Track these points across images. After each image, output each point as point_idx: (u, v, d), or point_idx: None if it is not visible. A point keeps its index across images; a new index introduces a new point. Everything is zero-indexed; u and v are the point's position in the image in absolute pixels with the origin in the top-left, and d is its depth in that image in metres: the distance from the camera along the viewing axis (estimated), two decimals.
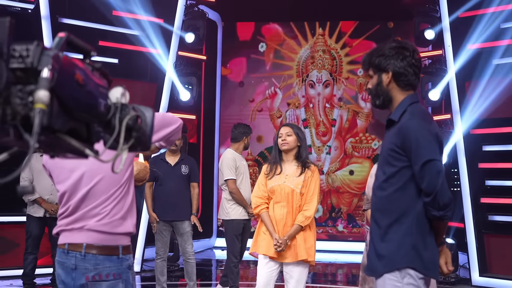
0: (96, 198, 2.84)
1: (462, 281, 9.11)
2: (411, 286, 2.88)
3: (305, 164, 4.97)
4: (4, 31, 0.95)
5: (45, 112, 0.96)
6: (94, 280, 2.78)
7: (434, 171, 2.85)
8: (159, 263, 7.09)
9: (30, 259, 7.17)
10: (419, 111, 3.04)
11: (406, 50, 3.07)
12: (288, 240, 4.76)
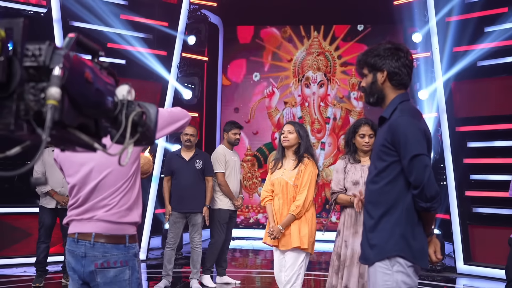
0: (104, 190, 2.85)
1: (447, 269, 9.13)
2: (400, 274, 2.88)
3: (301, 158, 5.00)
4: (18, 32, 0.95)
5: (57, 108, 0.96)
6: (102, 267, 2.80)
7: (422, 165, 2.85)
8: (168, 252, 7.11)
9: (42, 247, 7.18)
10: (409, 108, 3.04)
11: (401, 51, 3.08)
12: (282, 228, 4.85)
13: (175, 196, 7.04)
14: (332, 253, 4.99)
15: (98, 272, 2.82)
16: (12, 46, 0.95)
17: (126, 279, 2.82)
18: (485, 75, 9.17)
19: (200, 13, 10.91)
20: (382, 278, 2.91)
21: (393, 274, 2.89)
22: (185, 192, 6.99)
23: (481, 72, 9.21)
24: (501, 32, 8.93)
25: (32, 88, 0.97)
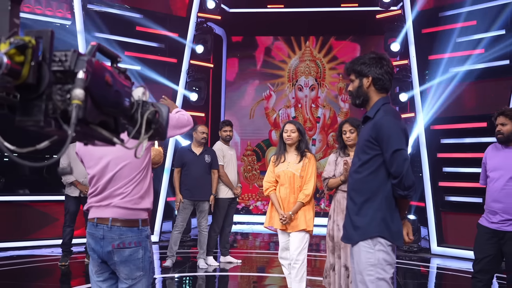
0: (120, 180, 2.88)
1: (423, 250, 9.15)
2: (381, 252, 2.91)
3: (303, 153, 5.12)
4: (47, 40, 0.95)
5: (81, 107, 0.96)
6: (119, 248, 2.82)
7: (401, 158, 2.89)
8: (176, 234, 7.12)
9: (67, 231, 7.19)
10: (391, 110, 3.09)
11: (384, 60, 3.13)
12: (292, 214, 5.00)
13: (186, 185, 7.06)
14: (326, 236, 5.09)
15: (115, 252, 2.84)
16: (41, 53, 0.95)
17: (140, 258, 2.84)
18: (456, 79, 9.18)
19: (206, 25, 10.90)
20: (365, 256, 2.93)
21: (375, 253, 2.92)
22: (195, 182, 7.02)
23: (453, 77, 9.22)
24: (470, 42, 8.95)
25: (59, 89, 0.98)
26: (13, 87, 0.93)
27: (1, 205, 8.60)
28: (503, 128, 4.33)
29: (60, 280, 6.59)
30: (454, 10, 9.20)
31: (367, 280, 2.91)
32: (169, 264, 7.06)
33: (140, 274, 2.85)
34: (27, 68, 0.92)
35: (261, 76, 13.53)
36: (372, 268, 2.91)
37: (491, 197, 4.37)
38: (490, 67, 8.73)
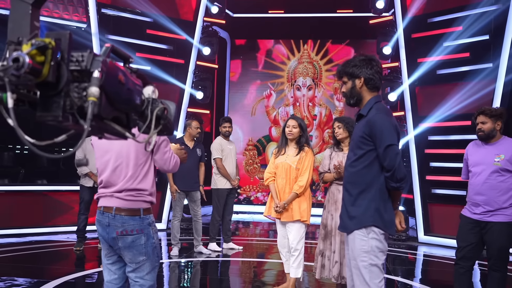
0: (121, 173, 2.90)
1: (411, 239, 9.16)
2: (374, 240, 2.92)
3: (302, 147, 5.09)
4: (65, 42, 0.96)
5: (96, 104, 0.97)
6: (122, 234, 2.83)
7: (394, 153, 2.90)
8: (176, 223, 7.13)
9: (82, 218, 7.21)
10: (383, 108, 3.08)
11: (373, 61, 3.12)
12: (286, 204, 4.97)
13: (179, 177, 6.99)
14: (320, 224, 5.11)
15: (119, 238, 2.86)
16: (60, 54, 0.96)
17: (142, 244, 2.84)
18: (443, 81, 9.18)
19: (211, 29, 10.88)
20: (359, 244, 2.94)
21: (368, 240, 2.93)
22: (188, 174, 7.01)
23: (440, 79, 9.21)
24: (456, 47, 8.94)
25: (76, 87, 0.98)
26: (34, 84, 0.94)
27: (21, 194, 8.63)
28: (484, 126, 4.33)
29: (75, 264, 6.62)
30: (442, 17, 9.19)
31: (360, 266, 2.92)
32: (176, 252, 7.07)
33: (143, 259, 2.85)
34: (47, 68, 0.93)
35: (262, 77, 13.53)
36: (366, 255, 2.92)
37: (474, 190, 4.37)
38: (474, 70, 8.72)
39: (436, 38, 9.19)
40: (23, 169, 9.37)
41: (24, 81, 0.91)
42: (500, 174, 4.22)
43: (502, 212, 4.18)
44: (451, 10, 9.04)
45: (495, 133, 4.31)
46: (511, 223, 4.19)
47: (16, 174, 9.27)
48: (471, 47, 8.77)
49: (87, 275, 5.87)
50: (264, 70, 13.53)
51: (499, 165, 4.22)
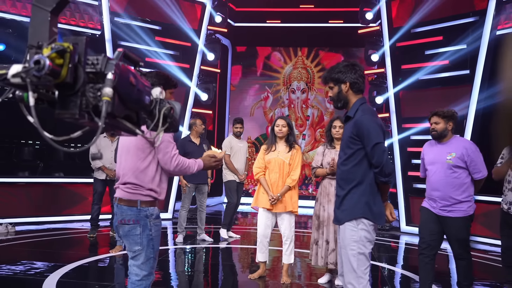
0: (125, 168, 2.82)
1: (394, 229, 9.19)
2: (364, 231, 2.92)
3: (292, 145, 5.08)
4: (82, 46, 0.97)
5: (109, 103, 0.97)
6: (121, 223, 2.79)
7: (381, 151, 2.89)
8: (183, 213, 7.13)
9: (95, 208, 7.20)
10: (368, 109, 3.06)
11: (356, 66, 3.10)
12: (280, 196, 4.95)
13: None
14: (313, 215, 5.10)
15: (119, 226, 2.82)
16: (77, 57, 0.96)
17: (138, 234, 2.76)
18: (424, 86, 9.19)
19: (214, 37, 10.88)
20: (349, 234, 2.94)
21: (358, 231, 2.93)
22: None
23: (421, 84, 9.23)
24: (436, 55, 8.96)
25: (91, 88, 0.99)
26: (53, 85, 0.95)
27: (39, 185, 8.62)
28: (437, 126, 4.35)
29: (88, 249, 6.62)
30: (424, 27, 9.20)
31: (349, 254, 2.93)
32: (181, 239, 7.08)
33: (138, 249, 2.77)
34: (66, 70, 0.93)
35: (260, 81, 13.53)
36: (355, 244, 2.92)
37: (431, 187, 4.36)
38: (453, 76, 8.74)
39: (418, 47, 9.20)
40: (42, 163, 9.37)
41: (44, 82, 0.91)
42: (453, 171, 4.23)
43: (458, 208, 4.19)
44: (433, 22, 9.05)
45: (447, 133, 4.33)
46: (467, 217, 4.22)
47: (35, 167, 9.27)
48: (450, 55, 8.78)
49: (100, 260, 5.87)
50: (262, 75, 13.54)
51: (451, 162, 4.23)
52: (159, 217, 2.87)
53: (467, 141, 4.42)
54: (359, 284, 2.89)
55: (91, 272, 5.40)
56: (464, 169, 4.23)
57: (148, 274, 2.77)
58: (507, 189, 4.70)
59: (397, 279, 5.63)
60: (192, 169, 2.91)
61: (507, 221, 4.67)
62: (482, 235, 8.24)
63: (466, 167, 4.23)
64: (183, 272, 5.60)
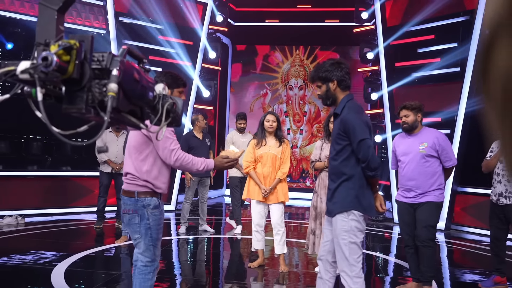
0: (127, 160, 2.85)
1: (387, 220, 9.21)
2: (354, 221, 2.94)
3: (281, 139, 5.10)
4: (88, 43, 0.96)
5: (115, 98, 0.97)
6: (124, 213, 2.84)
7: (366, 146, 2.90)
8: (186, 205, 7.14)
9: (101, 200, 7.20)
10: (354, 106, 3.05)
11: (342, 64, 3.10)
12: (272, 189, 4.98)
13: None
14: (311, 207, 5.11)
15: (123, 215, 2.87)
16: (83, 54, 0.96)
17: (136, 223, 2.79)
18: (416, 83, 9.19)
19: (215, 36, 10.86)
20: (341, 224, 2.95)
21: (348, 221, 2.94)
22: None
23: (414, 81, 9.22)
24: (429, 53, 8.95)
25: (97, 83, 0.99)
26: (60, 81, 0.94)
27: (47, 179, 8.63)
28: (407, 119, 4.37)
29: (95, 240, 6.63)
30: (417, 26, 9.18)
31: (341, 244, 2.94)
32: (183, 229, 7.09)
33: (137, 237, 2.80)
34: (72, 66, 0.93)
35: (259, 78, 13.52)
36: (346, 234, 2.93)
37: (406, 177, 4.35)
38: (444, 73, 8.73)
39: (411, 45, 9.18)
40: (50, 157, 9.37)
41: (51, 78, 0.91)
42: (426, 160, 4.24)
43: (431, 194, 4.21)
44: (425, 21, 9.04)
45: (417, 124, 4.36)
46: (438, 203, 4.22)
47: (43, 161, 9.27)
48: (442, 53, 8.77)
49: (106, 250, 5.88)
50: (261, 72, 13.52)
51: (424, 152, 4.24)
52: (158, 208, 2.85)
53: (437, 131, 4.41)
54: (352, 271, 2.91)
55: (98, 261, 5.41)
56: (436, 158, 4.24)
57: (151, 261, 2.81)
58: (496, 181, 4.72)
59: (391, 267, 5.65)
60: (197, 167, 2.87)
61: (496, 212, 4.69)
62: (472, 225, 8.26)
63: (437, 156, 4.24)
64: (186, 261, 5.62)
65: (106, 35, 9.12)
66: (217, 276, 5.08)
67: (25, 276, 4.53)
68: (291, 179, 13.33)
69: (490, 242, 4.78)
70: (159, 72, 2.97)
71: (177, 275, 4.98)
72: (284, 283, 4.74)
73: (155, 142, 2.79)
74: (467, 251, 6.77)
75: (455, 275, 5.30)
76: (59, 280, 4.37)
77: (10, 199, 7.97)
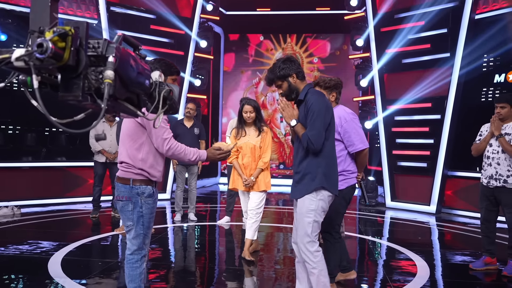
0: (121, 148, 2.82)
1: (380, 205, 9.27)
2: (321, 201, 3.07)
3: (260, 127, 4.99)
4: (83, 30, 0.95)
5: (111, 85, 0.96)
6: (117, 199, 2.81)
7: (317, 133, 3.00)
8: (179, 193, 7.13)
9: (97, 190, 7.18)
10: (315, 91, 3.15)
11: (292, 57, 3.21)
12: (254, 179, 4.91)
13: None
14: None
15: (116, 202, 2.84)
16: (78, 40, 0.94)
17: (129, 211, 2.76)
18: (407, 69, 9.19)
19: (207, 25, 10.78)
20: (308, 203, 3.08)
21: (316, 201, 3.06)
22: None
23: (405, 67, 9.22)
24: (418, 39, 8.94)
25: (93, 71, 0.97)
26: (56, 68, 0.93)
27: (43, 170, 8.57)
28: None
29: (91, 229, 6.61)
30: (407, 13, 9.16)
31: (305, 222, 3.06)
32: (178, 217, 7.08)
33: (130, 224, 2.78)
34: (68, 53, 0.91)
35: (252, 67, 13.47)
36: (312, 212, 3.06)
37: None
38: (434, 59, 8.74)
39: (402, 31, 9.17)
40: (45, 148, 9.31)
41: (47, 65, 0.89)
42: None
43: None
44: (415, 7, 9.01)
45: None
46: (340, 191, 3.63)
47: (38, 152, 9.21)
48: (432, 39, 8.77)
49: (102, 238, 5.87)
50: (253, 61, 13.47)
51: None
52: (152, 196, 2.83)
53: (344, 111, 3.86)
54: (312, 247, 3.06)
55: (94, 250, 5.40)
56: (339, 141, 3.75)
57: (138, 249, 2.79)
58: (486, 164, 4.75)
59: (383, 250, 5.69)
60: (189, 157, 2.86)
61: (486, 195, 4.73)
62: (462, 208, 8.34)
63: (341, 139, 3.77)
64: (181, 248, 5.63)
65: (98, 25, 9.01)
66: (213, 262, 5.10)
67: (22, 265, 4.52)
68: (285, 166, 13.36)
69: (481, 224, 4.82)
70: (153, 59, 2.94)
71: (173, 262, 4.99)
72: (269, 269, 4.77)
73: (149, 130, 2.76)
74: (457, 234, 6.84)
75: (446, 256, 5.35)
76: (56, 268, 4.36)
77: (6, 190, 7.92)
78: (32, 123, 9.25)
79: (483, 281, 4.46)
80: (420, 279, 4.31)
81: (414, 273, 4.53)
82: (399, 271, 4.68)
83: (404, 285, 4.16)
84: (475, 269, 4.70)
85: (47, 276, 4.14)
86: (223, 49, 13.54)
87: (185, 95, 10.05)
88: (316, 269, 3.06)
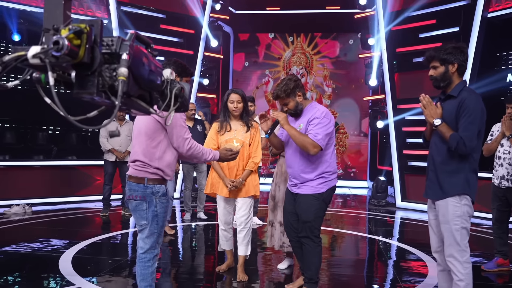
0: (135, 147, 2.82)
1: (390, 205, 9.22)
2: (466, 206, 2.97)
3: (248, 122, 4.17)
4: (98, 28, 0.96)
5: (125, 82, 0.97)
6: (129, 198, 2.79)
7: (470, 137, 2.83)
8: (187, 193, 7.15)
9: (107, 188, 7.23)
10: (473, 90, 2.95)
11: (465, 49, 2.98)
12: (243, 181, 4.10)
13: None
14: (269, 196, 4.58)
15: (128, 202, 2.83)
16: (93, 38, 0.95)
17: (144, 210, 2.75)
18: (418, 68, 9.13)
19: (217, 24, 10.80)
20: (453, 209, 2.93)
21: (461, 206, 2.94)
22: None
23: (415, 66, 9.17)
24: (430, 37, 8.87)
25: (107, 68, 0.98)
26: (71, 65, 0.94)
27: (54, 168, 8.65)
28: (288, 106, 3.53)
29: (101, 227, 6.66)
30: (418, 11, 9.11)
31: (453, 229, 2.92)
32: (188, 217, 7.11)
33: (144, 223, 2.77)
34: (83, 50, 0.92)
35: (261, 66, 13.48)
36: (458, 219, 2.93)
37: (286, 164, 3.74)
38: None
39: (412, 30, 9.12)
40: (56, 147, 9.39)
41: (62, 62, 0.90)
42: None
43: (307, 184, 3.49)
44: (426, 5, 8.96)
45: (300, 107, 3.54)
46: (316, 195, 3.47)
47: (49, 151, 9.30)
48: (443, 37, 8.71)
49: (112, 237, 5.91)
50: (263, 61, 13.47)
51: None
52: (166, 195, 2.84)
53: (317, 109, 3.52)
54: (462, 257, 2.85)
55: (104, 248, 5.45)
56: None
57: (151, 248, 2.78)
58: (498, 165, 4.72)
59: (393, 251, 5.67)
60: (206, 157, 2.91)
61: (498, 195, 4.69)
62: (474, 209, 8.26)
63: None
64: (190, 247, 5.65)
65: (108, 24, 9.08)
66: (222, 261, 5.11)
67: (33, 263, 4.57)
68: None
69: (493, 224, 4.79)
70: (167, 59, 2.97)
71: (182, 261, 5.01)
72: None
73: (169, 130, 2.77)
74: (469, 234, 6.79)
75: None
76: (66, 266, 4.40)
77: (17, 188, 8.01)
78: (44, 122, 9.33)
79: (495, 283, 4.42)
80: (431, 279, 4.29)
81: (425, 274, 4.51)
82: (410, 271, 4.66)
83: (415, 285, 4.14)
84: (487, 271, 4.67)
85: (58, 273, 4.19)
86: (232, 48, 13.55)
87: (195, 94, 10.09)
88: (463, 282, 2.82)
